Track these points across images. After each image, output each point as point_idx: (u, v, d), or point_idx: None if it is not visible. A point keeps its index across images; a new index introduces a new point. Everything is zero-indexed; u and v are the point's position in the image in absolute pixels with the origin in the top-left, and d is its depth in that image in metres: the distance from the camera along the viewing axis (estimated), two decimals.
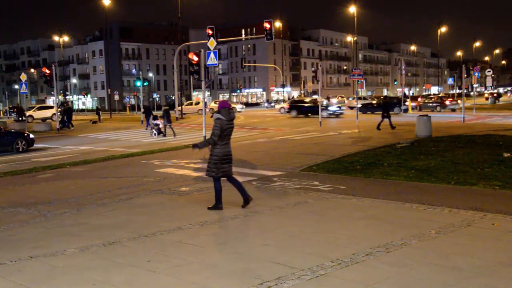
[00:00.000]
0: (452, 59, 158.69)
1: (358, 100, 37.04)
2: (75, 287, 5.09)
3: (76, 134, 30.02)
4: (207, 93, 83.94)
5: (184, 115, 47.47)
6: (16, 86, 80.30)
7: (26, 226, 7.75)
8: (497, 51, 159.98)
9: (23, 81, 31.57)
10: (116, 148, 20.30)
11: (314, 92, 77.75)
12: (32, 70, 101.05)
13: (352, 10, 70.89)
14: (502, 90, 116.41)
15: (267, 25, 29.66)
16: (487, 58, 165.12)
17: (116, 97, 66.08)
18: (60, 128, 33.09)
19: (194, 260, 5.78)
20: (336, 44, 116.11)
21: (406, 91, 48.00)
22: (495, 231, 6.59)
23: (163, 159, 15.52)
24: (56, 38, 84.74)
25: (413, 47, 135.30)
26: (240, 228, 7.17)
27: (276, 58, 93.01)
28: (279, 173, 12.02)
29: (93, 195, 9.94)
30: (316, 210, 8.07)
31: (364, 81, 32.43)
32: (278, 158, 14.89)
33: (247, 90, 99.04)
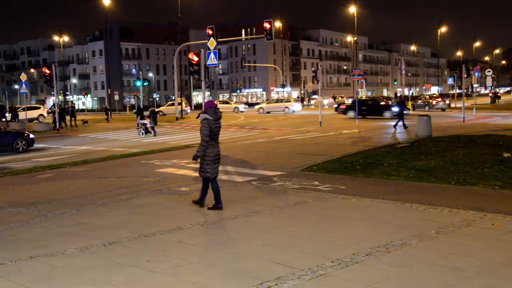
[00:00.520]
0: (452, 59, 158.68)
1: (342, 100, 37.20)
2: (75, 287, 5.10)
3: (76, 134, 30.02)
4: (207, 93, 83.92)
5: (184, 115, 47.55)
6: (16, 86, 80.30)
7: (26, 226, 7.75)
8: (497, 51, 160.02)
9: (23, 81, 31.58)
10: (116, 148, 20.30)
11: (314, 92, 77.76)
12: (32, 70, 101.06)
13: (352, 10, 70.92)
14: (502, 90, 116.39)
15: (267, 25, 29.67)
16: (487, 58, 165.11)
17: (116, 97, 66.08)
18: (53, 128, 33.31)
19: (194, 260, 5.78)
20: (336, 44, 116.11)
21: (404, 91, 47.94)
22: (495, 231, 6.59)
23: (163, 159, 15.52)
24: (56, 38, 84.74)
25: (413, 47, 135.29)
26: (240, 228, 7.17)
27: (276, 58, 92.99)
28: (279, 173, 12.02)
29: (93, 195, 9.94)
30: (316, 210, 8.07)
31: (364, 81, 32.42)
32: (278, 158, 14.89)
33: (247, 90, 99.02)
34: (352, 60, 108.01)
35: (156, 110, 33.66)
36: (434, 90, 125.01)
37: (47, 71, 32.07)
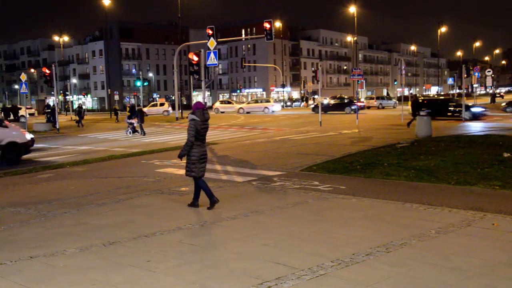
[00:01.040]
0: (452, 59, 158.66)
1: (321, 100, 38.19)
2: (75, 287, 5.09)
3: (76, 134, 30.02)
4: (207, 93, 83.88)
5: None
6: (16, 86, 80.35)
7: (26, 226, 7.75)
8: (497, 51, 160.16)
9: (23, 81, 31.57)
10: (116, 148, 20.29)
11: (314, 92, 77.79)
12: (32, 70, 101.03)
13: (352, 10, 70.90)
14: (503, 90, 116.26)
15: (267, 25, 29.67)
16: (487, 58, 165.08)
17: (116, 97, 66.02)
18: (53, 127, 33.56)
19: (194, 260, 5.78)
20: (336, 44, 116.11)
21: (404, 91, 47.91)
22: (495, 231, 6.59)
23: (163, 159, 15.52)
24: (56, 38, 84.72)
25: (413, 47, 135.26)
26: (240, 228, 7.17)
27: (276, 58, 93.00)
28: (279, 173, 12.02)
29: (93, 195, 9.94)
30: (316, 210, 8.07)
31: (364, 81, 32.43)
32: (278, 158, 14.89)
33: (247, 90, 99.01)
34: (352, 60, 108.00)
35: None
36: (434, 90, 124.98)
37: (47, 71, 32.08)
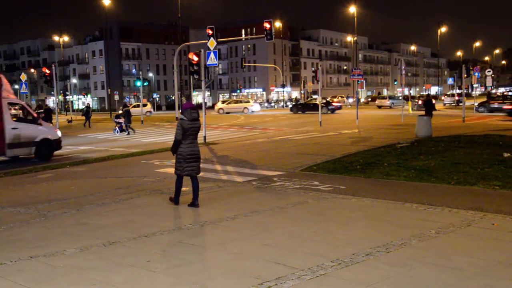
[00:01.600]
0: (452, 59, 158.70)
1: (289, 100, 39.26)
2: (75, 287, 5.09)
3: (76, 134, 30.02)
4: (207, 93, 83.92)
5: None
6: (16, 86, 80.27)
7: (26, 226, 7.75)
8: (497, 51, 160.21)
9: (23, 81, 31.58)
10: (116, 148, 20.30)
11: (314, 92, 77.77)
12: (32, 70, 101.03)
13: (352, 10, 70.89)
14: (503, 90, 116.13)
15: (267, 25, 29.65)
16: (487, 58, 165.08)
17: (116, 97, 65.98)
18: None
19: (194, 260, 5.78)
20: (336, 44, 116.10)
21: (404, 91, 47.92)
22: (495, 231, 6.59)
23: (163, 159, 15.51)
24: (56, 38, 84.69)
25: (413, 47, 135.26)
26: (240, 228, 7.17)
27: (276, 58, 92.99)
28: (279, 173, 12.02)
29: (93, 195, 9.94)
30: (316, 210, 8.07)
31: (364, 81, 32.43)
32: (278, 158, 14.89)
33: (247, 90, 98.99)
34: (352, 60, 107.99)
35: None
36: (434, 90, 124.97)
37: (47, 71, 32.01)
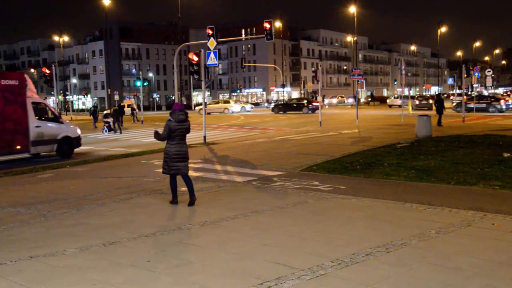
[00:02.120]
0: (452, 59, 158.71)
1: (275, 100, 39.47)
2: (75, 287, 5.09)
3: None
4: (207, 93, 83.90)
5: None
6: None
7: (26, 226, 7.75)
8: (497, 51, 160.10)
9: None
10: (116, 148, 20.30)
11: (314, 92, 77.76)
12: (32, 70, 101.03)
13: (352, 10, 70.91)
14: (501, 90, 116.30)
15: (267, 25, 29.63)
16: (487, 58, 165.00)
17: (116, 97, 66.11)
18: None
19: (194, 260, 5.78)
20: (336, 44, 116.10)
21: (404, 91, 48.00)
22: (495, 231, 6.59)
23: (163, 159, 15.48)
24: (56, 38, 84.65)
25: (413, 47, 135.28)
26: (240, 228, 7.17)
27: (276, 58, 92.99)
28: (279, 173, 12.02)
29: (93, 195, 9.94)
30: (316, 210, 8.07)
31: (364, 81, 32.43)
32: (278, 158, 14.89)
33: (247, 90, 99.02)
34: (352, 60, 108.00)
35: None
36: (434, 90, 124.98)
37: (47, 71, 32.12)
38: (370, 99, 76.50)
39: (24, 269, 5.67)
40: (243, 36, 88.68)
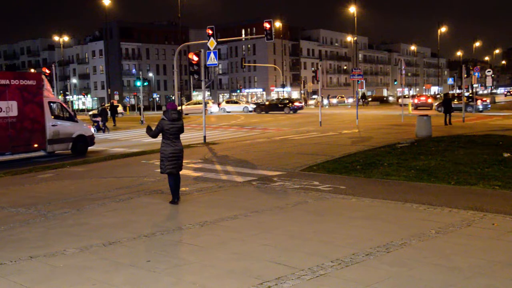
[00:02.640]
0: (452, 59, 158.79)
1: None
2: (75, 287, 5.09)
3: None
4: (207, 93, 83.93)
5: (186, 115, 47.88)
6: None
7: (26, 226, 7.75)
8: (497, 51, 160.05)
9: None
10: (116, 148, 20.30)
11: (314, 92, 77.78)
12: (32, 70, 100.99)
13: (352, 10, 70.93)
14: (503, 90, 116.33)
15: (267, 25, 29.63)
16: (487, 58, 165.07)
17: (116, 97, 66.18)
18: None
19: (194, 260, 5.78)
20: (336, 44, 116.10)
21: (404, 91, 48.00)
22: (495, 231, 6.59)
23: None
24: (56, 38, 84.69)
25: (413, 47, 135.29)
26: (240, 228, 7.17)
27: (276, 58, 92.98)
28: (279, 173, 12.02)
29: (93, 195, 9.94)
30: (316, 210, 8.08)
31: (364, 81, 32.44)
32: (278, 158, 14.88)
33: (247, 90, 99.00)
34: (352, 60, 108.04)
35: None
36: (434, 90, 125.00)
37: (47, 71, 32.16)
38: (363, 99, 69.00)
39: (24, 269, 5.68)
40: (243, 36, 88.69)
